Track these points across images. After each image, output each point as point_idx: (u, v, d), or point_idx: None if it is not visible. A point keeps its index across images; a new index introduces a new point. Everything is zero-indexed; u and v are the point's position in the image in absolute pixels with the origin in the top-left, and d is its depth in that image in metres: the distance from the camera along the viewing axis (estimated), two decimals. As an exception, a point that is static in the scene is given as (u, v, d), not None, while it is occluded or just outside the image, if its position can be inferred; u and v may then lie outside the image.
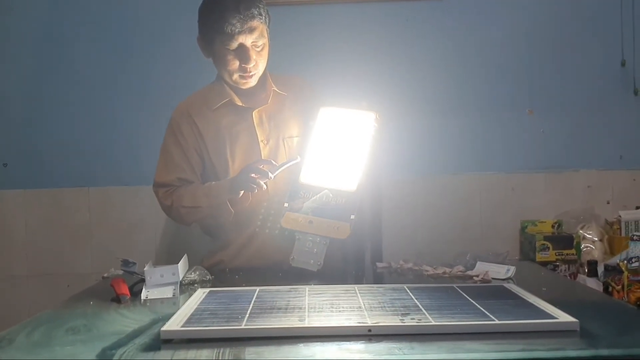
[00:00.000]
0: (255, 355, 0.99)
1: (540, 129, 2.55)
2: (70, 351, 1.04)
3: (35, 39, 2.55)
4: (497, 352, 0.97)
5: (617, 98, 2.55)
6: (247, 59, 1.77)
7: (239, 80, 1.83)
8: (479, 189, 2.55)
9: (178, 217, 1.88)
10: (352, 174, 1.64)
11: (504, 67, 2.55)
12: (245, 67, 1.78)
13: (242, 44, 1.76)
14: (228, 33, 1.73)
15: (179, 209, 1.84)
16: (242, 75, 1.81)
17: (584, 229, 2.43)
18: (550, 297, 1.27)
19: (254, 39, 1.76)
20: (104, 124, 2.55)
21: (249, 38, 1.76)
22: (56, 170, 2.55)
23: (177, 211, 1.85)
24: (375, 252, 2.19)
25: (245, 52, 1.77)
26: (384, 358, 0.96)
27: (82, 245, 2.54)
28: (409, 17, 2.54)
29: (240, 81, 1.83)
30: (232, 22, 1.72)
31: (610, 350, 0.99)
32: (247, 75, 1.81)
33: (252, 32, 1.75)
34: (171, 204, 1.85)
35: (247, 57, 1.77)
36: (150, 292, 1.46)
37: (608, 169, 2.55)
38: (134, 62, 2.54)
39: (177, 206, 1.84)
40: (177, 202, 1.84)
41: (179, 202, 1.84)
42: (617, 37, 2.52)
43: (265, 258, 1.81)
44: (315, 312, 1.18)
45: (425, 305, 1.21)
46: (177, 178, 1.87)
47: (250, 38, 1.76)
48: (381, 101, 1.73)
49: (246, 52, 1.77)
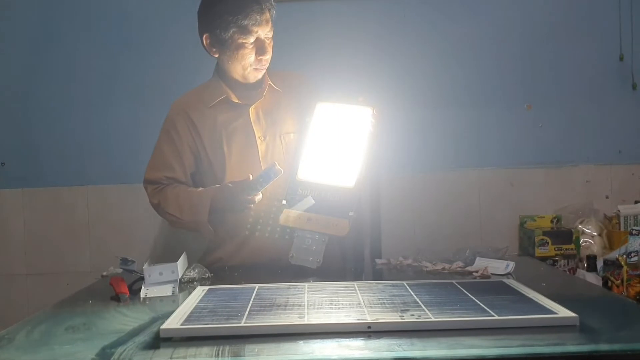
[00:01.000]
0: (255, 353, 0.98)
1: (539, 123, 2.55)
2: (70, 350, 1.04)
3: (32, 37, 2.54)
4: (497, 347, 0.97)
5: (615, 92, 2.55)
6: (264, 51, 1.79)
7: (251, 74, 1.83)
8: (478, 185, 2.54)
9: (164, 218, 1.90)
10: (350, 170, 1.63)
11: (502, 62, 2.55)
12: (262, 59, 1.80)
13: (259, 37, 1.77)
14: (248, 27, 1.74)
15: (164, 214, 1.86)
16: (256, 68, 1.82)
17: (583, 223, 2.43)
18: (549, 292, 1.27)
19: (267, 31, 1.79)
20: (102, 123, 2.55)
21: (265, 30, 1.78)
22: (54, 169, 2.55)
23: (163, 214, 1.87)
24: (374, 249, 2.19)
25: (263, 45, 1.78)
26: (384, 354, 0.96)
27: (80, 244, 2.54)
28: (406, 13, 2.54)
29: (253, 74, 1.83)
30: (252, 15, 1.73)
31: (610, 344, 0.99)
32: (261, 68, 1.82)
33: (267, 24, 1.78)
34: (158, 202, 1.86)
35: (264, 49, 1.79)
36: (149, 290, 1.46)
37: (607, 163, 2.55)
38: (131, 61, 2.54)
39: (163, 210, 1.85)
40: (163, 204, 1.85)
41: (165, 205, 1.85)
42: (615, 32, 2.51)
43: (264, 255, 1.81)
44: (315, 309, 1.18)
45: (425, 301, 1.21)
46: (165, 176, 1.87)
47: (265, 30, 1.78)
48: (379, 97, 1.72)
49: (263, 44, 1.78)
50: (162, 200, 1.85)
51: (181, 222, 1.84)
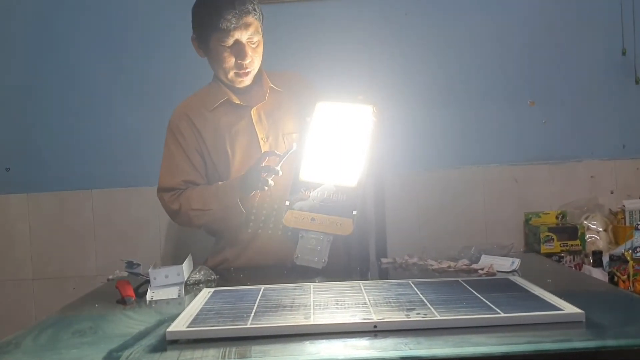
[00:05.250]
0: (262, 354, 0.99)
1: (542, 119, 2.55)
2: (77, 354, 1.04)
3: (35, 41, 2.55)
4: (504, 345, 0.97)
5: (618, 87, 2.54)
6: (244, 55, 1.78)
7: (235, 79, 1.83)
8: (482, 182, 2.54)
9: (187, 220, 1.86)
10: (352, 169, 1.63)
11: (505, 59, 2.54)
12: (242, 63, 1.79)
13: (238, 40, 1.76)
14: (224, 29, 1.73)
15: (187, 212, 1.83)
16: (238, 72, 1.81)
17: (588, 219, 2.43)
18: (555, 289, 1.26)
19: (249, 35, 1.77)
20: (106, 126, 2.55)
21: (245, 34, 1.76)
22: (59, 173, 2.56)
23: (185, 215, 1.84)
24: (379, 248, 2.20)
25: (242, 48, 1.77)
26: (390, 354, 0.96)
27: (86, 248, 2.55)
28: (407, 12, 2.54)
29: (236, 79, 1.83)
30: (227, 17, 1.72)
31: (617, 340, 0.98)
32: (242, 73, 1.81)
33: (247, 28, 1.76)
34: (179, 207, 1.84)
35: (243, 53, 1.77)
36: (155, 293, 1.46)
37: (611, 158, 2.55)
38: (135, 64, 2.54)
39: (186, 209, 1.83)
40: (185, 205, 1.83)
41: (187, 205, 1.82)
42: (618, 26, 2.51)
43: (269, 256, 1.81)
44: (321, 309, 1.18)
45: (431, 299, 1.21)
46: (183, 181, 1.86)
47: (245, 34, 1.76)
48: (383, 96, 1.73)
49: (242, 48, 1.77)
50: (183, 203, 1.83)
51: (209, 213, 1.80)
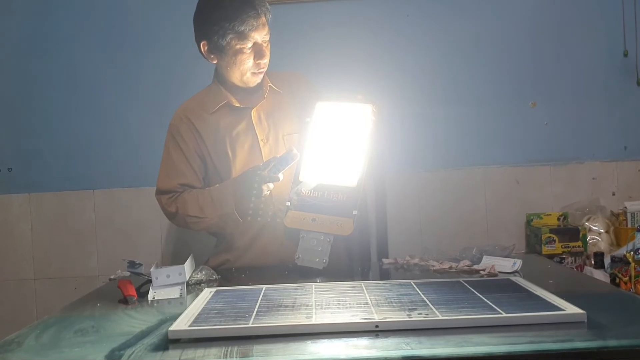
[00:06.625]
0: (263, 353, 0.99)
1: (544, 121, 2.55)
2: (79, 352, 1.04)
3: (35, 42, 2.55)
4: (505, 345, 0.97)
5: (620, 88, 2.54)
6: (262, 55, 1.79)
7: (250, 79, 1.83)
8: (484, 183, 2.54)
9: (184, 224, 1.86)
10: (352, 169, 1.63)
11: (507, 60, 2.54)
12: (260, 63, 1.80)
13: (257, 41, 1.78)
14: (245, 32, 1.74)
15: (184, 218, 1.83)
16: (255, 72, 1.82)
17: (589, 221, 2.43)
18: (557, 290, 1.27)
19: (264, 35, 1.79)
20: (107, 127, 2.55)
21: (262, 34, 1.78)
22: (60, 174, 2.56)
23: (182, 219, 1.84)
24: (381, 248, 2.20)
25: (260, 49, 1.79)
26: (392, 353, 0.96)
27: (88, 248, 2.55)
28: (409, 12, 2.54)
29: (252, 79, 1.83)
30: (248, 20, 1.73)
31: (618, 340, 0.98)
32: (259, 72, 1.82)
33: (264, 28, 1.78)
34: (175, 210, 1.84)
35: (262, 53, 1.79)
36: (157, 292, 1.46)
37: (613, 160, 2.54)
38: (137, 65, 2.54)
39: (183, 214, 1.83)
40: (182, 209, 1.83)
41: (184, 210, 1.82)
42: (619, 28, 2.51)
43: (270, 257, 1.81)
44: (322, 309, 1.18)
45: (432, 300, 1.21)
46: (179, 184, 1.86)
47: (262, 34, 1.78)
48: (384, 96, 1.73)
49: (260, 48, 1.79)
50: (180, 207, 1.83)
51: (204, 221, 1.81)
